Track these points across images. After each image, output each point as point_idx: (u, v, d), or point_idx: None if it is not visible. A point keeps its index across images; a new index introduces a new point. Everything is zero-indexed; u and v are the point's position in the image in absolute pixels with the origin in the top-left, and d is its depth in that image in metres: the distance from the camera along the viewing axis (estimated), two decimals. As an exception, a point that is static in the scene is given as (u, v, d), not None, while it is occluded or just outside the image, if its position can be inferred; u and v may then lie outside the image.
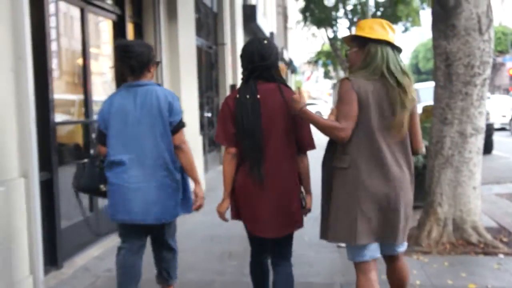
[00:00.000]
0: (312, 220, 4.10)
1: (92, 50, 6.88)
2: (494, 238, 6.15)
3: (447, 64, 6.01)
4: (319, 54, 36.58)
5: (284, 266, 3.79)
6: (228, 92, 12.01)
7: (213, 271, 5.50)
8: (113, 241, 6.35)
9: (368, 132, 3.40)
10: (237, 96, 3.59)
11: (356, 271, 3.60)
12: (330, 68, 41.28)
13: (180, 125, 3.92)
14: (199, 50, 11.51)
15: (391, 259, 3.78)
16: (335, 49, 32.38)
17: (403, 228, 3.52)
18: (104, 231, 6.50)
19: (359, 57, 3.55)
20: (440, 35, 6.06)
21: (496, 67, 48.77)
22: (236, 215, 3.75)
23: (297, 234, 3.87)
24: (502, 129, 24.99)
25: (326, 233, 3.63)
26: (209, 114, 12.01)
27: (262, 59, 3.55)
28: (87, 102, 6.42)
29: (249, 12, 15.96)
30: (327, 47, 35.24)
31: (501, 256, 5.69)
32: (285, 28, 33.00)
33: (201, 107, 11.37)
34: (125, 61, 3.92)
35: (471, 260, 5.61)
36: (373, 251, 3.54)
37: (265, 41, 3.67)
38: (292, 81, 39.31)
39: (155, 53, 4.45)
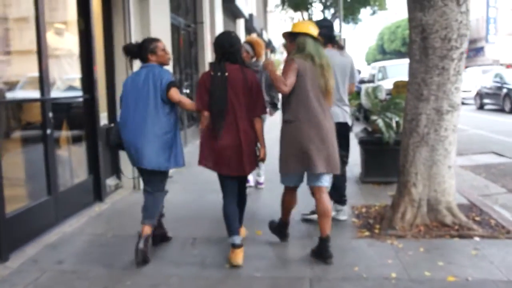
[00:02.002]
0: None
1: (51, 23, 5.76)
2: (467, 217, 5.20)
3: (423, 37, 4.95)
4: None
5: (243, 193, 4.66)
6: (207, 69, 10.87)
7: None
8: (71, 226, 5.34)
9: (305, 95, 4.26)
10: (212, 73, 4.27)
11: (284, 190, 4.62)
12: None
13: (171, 84, 4.38)
14: (177, 28, 10.35)
15: (316, 190, 4.42)
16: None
17: (315, 162, 4.20)
18: (63, 215, 5.47)
19: (293, 46, 4.43)
20: (415, 6, 4.98)
21: None
22: (203, 162, 4.41)
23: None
24: (463, 103, 23.63)
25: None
26: (188, 91, 10.84)
27: (230, 46, 4.31)
28: (42, 79, 5.23)
29: (228, -7, 14.75)
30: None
31: (477, 239, 4.72)
32: (265, 11, 31.78)
33: (180, 84, 10.26)
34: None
35: (447, 244, 4.62)
36: (296, 181, 4.53)
37: (233, 34, 4.48)
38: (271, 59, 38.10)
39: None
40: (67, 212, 5.59)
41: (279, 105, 4.88)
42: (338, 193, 5.44)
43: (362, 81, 18.26)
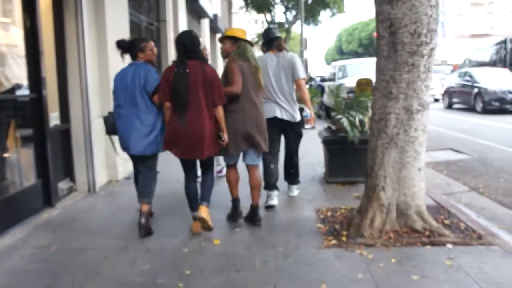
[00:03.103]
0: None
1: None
2: (436, 220, 4.63)
3: (391, 32, 4.31)
4: (259, 36, 34.81)
5: (208, 174, 4.79)
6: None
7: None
8: (13, 236, 4.58)
9: (247, 90, 4.73)
10: (175, 69, 4.40)
11: (226, 169, 5.02)
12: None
13: (155, 90, 4.59)
14: (138, 26, 9.52)
15: (251, 168, 4.94)
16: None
17: (258, 142, 4.76)
18: (5, 224, 4.67)
19: (231, 49, 4.86)
20: (383, -1, 4.34)
21: None
22: (167, 147, 4.55)
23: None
24: None
25: None
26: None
27: (191, 45, 4.46)
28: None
29: (192, -7, 13.93)
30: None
31: (449, 246, 4.13)
32: (230, 12, 30.95)
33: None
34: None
35: (419, 253, 4.00)
36: (237, 159, 4.95)
37: (193, 33, 4.62)
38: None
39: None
40: (10, 221, 4.80)
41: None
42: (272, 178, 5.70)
43: (323, 79, 17.77)
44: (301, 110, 5.85)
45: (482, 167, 7.96)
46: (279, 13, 31.84)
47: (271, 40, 5.70)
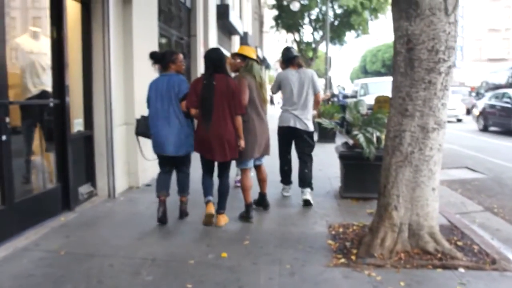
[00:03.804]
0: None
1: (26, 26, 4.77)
2: (448, 241, 4.19)
3: (409, 48, 3.92)
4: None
5: (223, 178, 4.94)
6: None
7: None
8: (27, 239, 4.30)
9: (254, 103, 5.05)
10: (204, 81, 4.66)
11: (242, 173, 5.16)
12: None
13: (184, 97, 4.77)
14: (169, 39, 9.30)
15: (259, 167, 5.46)
16: (300, 50, 30.41)
17: (264, 148, 5.25)
18: (20, 226, 4.41)
19: (241, 65, 5.18)
20: (401, 15, 3.95)
21: None
22: (196, 149, 4.82)
23: None
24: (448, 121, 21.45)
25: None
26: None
27: (218, 60, 4.75)
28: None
29: (223, 11, 13.65)
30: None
31: (462, 270, 3.68)
32: (261, 31, 30.78)
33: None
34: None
35: (430, 277, 3.57)
36: (251, 164, 5.19)
37: (219, 51, 4.91)
38: (266, 75, 37.03)
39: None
40: (26, 223, 4.54)
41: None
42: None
43: (346, 97, 17.34)
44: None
45: (497, 187, 7.43)
46: (307, 33, 31.45)
47: (291, 59, 6.00)
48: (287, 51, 6.13)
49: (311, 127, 5.91)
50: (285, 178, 6.25)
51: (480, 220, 5.58)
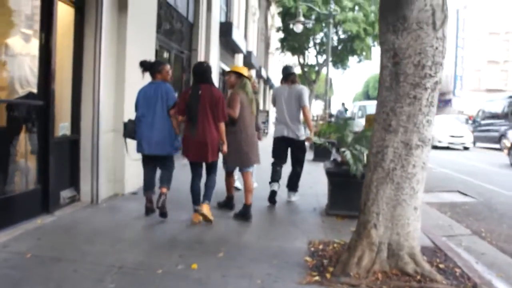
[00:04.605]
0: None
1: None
2: (430, 263, 3.93)
3: (395, 62, 3.69)
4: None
5: (211, 175, 5.24)
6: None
7: None
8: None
9: (244, 115, 5.35)
10: (190, 91, 4.99)
11: (226, 175, 5.79)
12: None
13: (174, 106, 5.10)
14: (168, 51, 9.14)
15: (245, 174, 5.49)
16: (304, 72, 30.34)
17: (251, 157, 5.45)
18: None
19: (236, 82, 5.50)
20: (388, 28, 3.73)
21: None
22: (184, 152, 5.07)
23: None
24: (447, 148, 19.88)
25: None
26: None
27: (204, 72, 5.07)
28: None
29: (226, 28, 13.49)
30: (297, 70, 33.50)
31: (441, 294, 3.39)
32: (267, 53, 30.72)
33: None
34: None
35: (407, 300, 3.27)
36: (232, 168, 5.73)
37: (205, 64, 5.19)
38: (269, 95, 36.94)
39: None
40: (1, 223, 4.29)
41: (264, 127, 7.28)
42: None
43: (349, 118, 17.15)
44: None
45: (487, 211, 7.12)
46: (311, 56, 31.37)
47: (286, 75, 6.51)
48: (284, 69, 6.70)
49: (301, 136, 6.37)
50: (274, 176, 6.43)
51: (467, 244, 5.29)
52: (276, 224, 5.31)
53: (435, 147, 19.39)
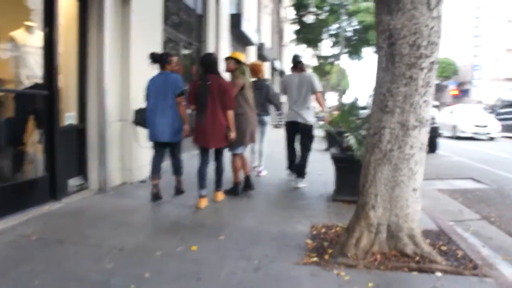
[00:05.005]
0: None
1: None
2: (433, 245, 3.89)
3: (390, 43, 3.66)
4: (306, 67, 34.34)
5: (219, 162, 5.48)
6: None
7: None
8: (5, 224, 4.17)
9: (247, 100, 5.77)
10: (199, 81, 5.19)
11: (234, 157, 5.87)
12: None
13: (181, 93, 5.38)
14: (176, 43, 9.19)
15: (237, 156, 5.88)
16: (319, 64, 30.19)
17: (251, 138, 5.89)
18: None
19: (234, 67, 5.80)
20: (383, 9, 3.70)
21: (442, 89, 50.33)
22: (194, 139, 5.27)
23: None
24: (471, 138, 18.87)
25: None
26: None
27: (212, 63, 5.25)
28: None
29: (235, 20, 13.48)
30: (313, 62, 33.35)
31: (439, 274, 3.36)
32: (281, 45, 30.55)
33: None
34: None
35: (403, 279, 3.27)
36: (243, 150, 5.87)
37: (213, 56, 5.40)
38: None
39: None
40: (10, 208, 4.41)
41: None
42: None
43: (364, 108, 16.95)
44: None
45: (499, 197, 7.02)
46: (325, 47, 31.12)
47: (296, 64, 6.83)
48: (294, 58, 7.01)
49: (310, 121, 6.63)
50: (291, 166, 6.99)
51: (475, 228, 5.21)
52: (281, 209, 5.32)
53: (458, 138, 18.97)
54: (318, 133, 10.95)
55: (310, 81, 6.60)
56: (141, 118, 5.55)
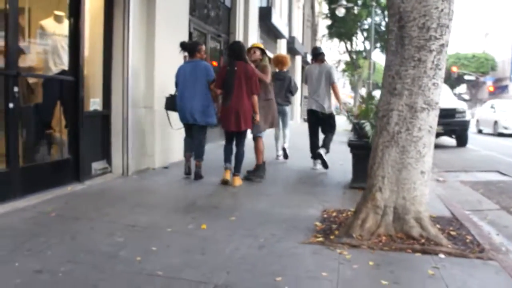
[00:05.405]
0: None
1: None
2: (442, 230, 3.86)
3: (400, 26, 3.64)
4: (338, 62, 34.15)
5: (239, 146, 5.75)
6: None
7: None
8: (28, 201, 4.36)
9: (272, 85, 6.51)
10: (227, 67, 5.53)
11: (257, 139, 6.17)
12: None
13: (213, 80, 5.66)
14: (204, 34, 9.32)
15: (259, 139, 6.20)
16: (351, 58, 29.91)
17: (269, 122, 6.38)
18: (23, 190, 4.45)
19: (259, 57, 6.28)
20: (394, -8, 3.68)
21: (479, 85, 49.46)
22: (220, 121, 5.69)
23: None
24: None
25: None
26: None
27: (239, 51, 5.59)
28: (7, 53, 4.28)
29: (265, 12, 13.50)
30: (345, 57, 33.12)
31: (442, 256, 3.32)
32: (314, 39, 30.37)
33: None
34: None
35: (404, 259, 3.26)
36: (263, 133, 6.28)
37: (240, 43, 5.84)
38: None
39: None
40: (32, 188, 4.59)
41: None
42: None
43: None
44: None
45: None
46: (358, 42, 30.78)
47: (316, 55, 7.22)
48: (314, 50, 7.50)
49: (328, 110, 6.95)
50: (314, 155, 7.18)
51: (492, 218, 5.13)
52: (296, 194, 5.36)
53: (500, 134, 17.92)
54: (345, 126, 10.92)
55: (328, 72, 6.96)
56: (171, 103, 5.89)
